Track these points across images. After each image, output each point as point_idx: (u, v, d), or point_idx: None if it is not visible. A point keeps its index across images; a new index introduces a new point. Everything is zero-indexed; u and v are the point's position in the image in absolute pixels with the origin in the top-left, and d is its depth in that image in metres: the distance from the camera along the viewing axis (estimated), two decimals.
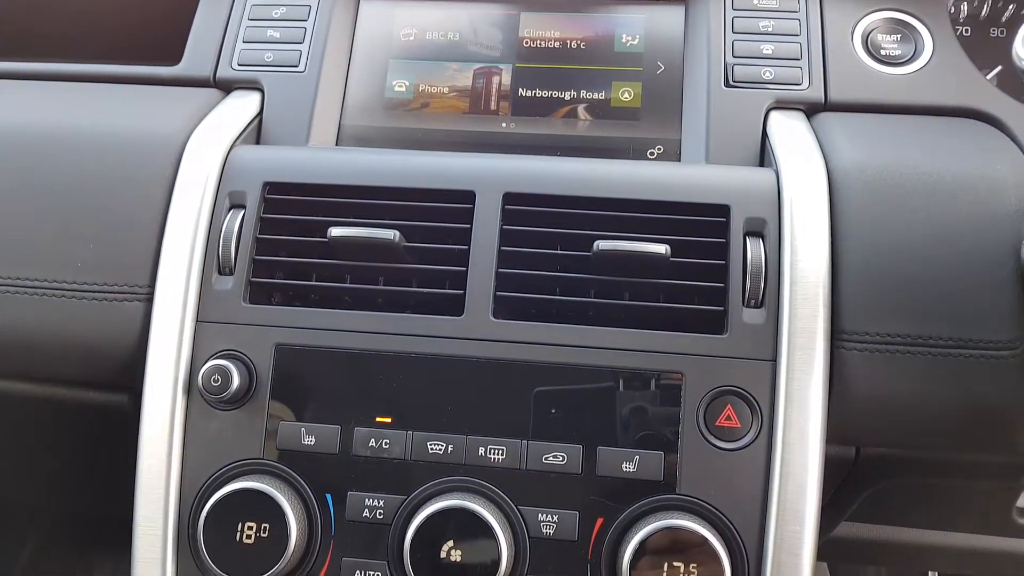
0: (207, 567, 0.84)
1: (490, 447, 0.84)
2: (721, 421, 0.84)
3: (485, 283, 0.88)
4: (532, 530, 0.83)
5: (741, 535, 0.82)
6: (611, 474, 0.83)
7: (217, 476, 0.87)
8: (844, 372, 0.85)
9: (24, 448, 1.27)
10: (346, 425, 0.86)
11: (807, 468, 0.82)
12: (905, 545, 1.21)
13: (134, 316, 0.92)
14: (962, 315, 0.83)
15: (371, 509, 0.85)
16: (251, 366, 0.88)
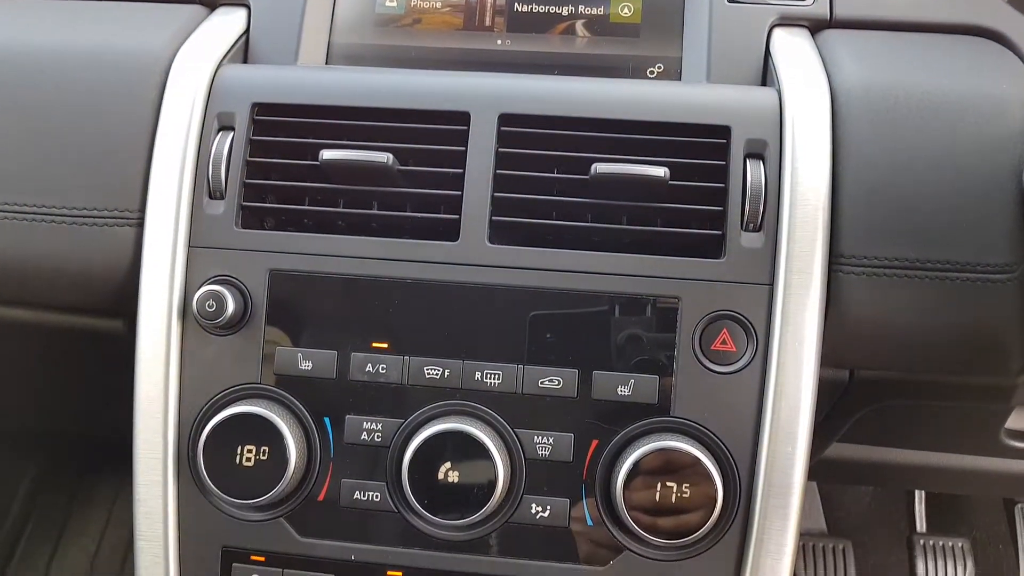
0: (208, 489, 0.86)
1: (486, 372, 0.85)
2: (716, 345, 0.84)
3: (481, 207, 0.87)
4: (528, 452, 0.84)
5: (734, 456, 0.84)
6: (606, 398, 0.84)
7: (215, 401, 0.88)
8: (841, 296, 0.85)
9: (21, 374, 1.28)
10: (342, 350, 0.86)
11: (801, 391, 0.83)
12: (894, 465, 1.24)
13: (125, 241, 0.91)
14: (961, 239, 0.83)
15: (369, 432, 0.86)
16: (245, 292, 0.88)
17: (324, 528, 0.87)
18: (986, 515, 2.25)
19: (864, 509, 2.29)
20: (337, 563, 0.87)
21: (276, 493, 0.84)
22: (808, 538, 2.16)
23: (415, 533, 0.86)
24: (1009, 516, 2.17)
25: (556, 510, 0.84)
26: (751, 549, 0.83)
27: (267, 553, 0.88)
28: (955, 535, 2.14)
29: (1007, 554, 2.20)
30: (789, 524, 0.83)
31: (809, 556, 2.15)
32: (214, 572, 0.88)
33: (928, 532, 2.15)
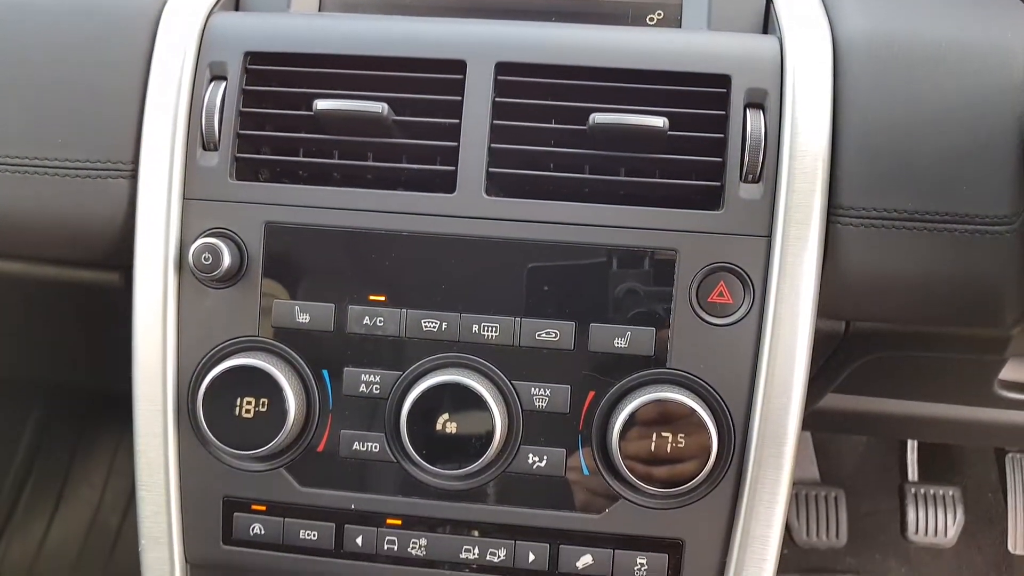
0: (208, 440, 0.86)
1: (484, 324, 0.85)
2: (713, 297, 0.84)
3: (477, 159, 0.86)
4: (525, 403, 0.85)
5: (729, 407, 0.84)
6: (603, 350, 0.84)
7: (214, 353, 0.88)
8: (839, 248, 0.85)
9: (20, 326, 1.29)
10: (340, 303, 0.86)
11: (796, 342, 0.83)
12: (888, 416, 1.25)
13: (119, 194, 0.90)
14: (961, 190, 0.83)
15: (367, 384, 0.86)
16: (241, 244, 0.87)
17: (324, 478, 0.88)
18: (977, 464, 2.28)
19: (857, 458, 2.32)
20: (337, 512, 0.88)
21: (276, 444, 0.84)
22: (801, 487, 2.19)
23: (414, 483, 0.87)
24: (1000, 465, 2.20)
25: (553, 460, 0.86)
26: (745, 497, 0.85)
27: (268, 503, 0.89)
28: (946, 484, 2.17)
29: (996, 502, 2.24)
30: (782, 473, 0.85)
31: (802, 504, 2.19)
32: (216, 521, 0.90)
33: (920, 481, 2.18)
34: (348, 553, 0.89)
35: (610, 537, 0.87)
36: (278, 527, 0.89)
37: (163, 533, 0.90)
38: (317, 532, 0.88)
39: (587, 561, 0.87)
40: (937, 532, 2.12)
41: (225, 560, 0.91)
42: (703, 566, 0.87)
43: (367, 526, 0.88)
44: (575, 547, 0.87)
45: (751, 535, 0.85)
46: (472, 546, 0.88)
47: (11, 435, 2.19)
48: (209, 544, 0.90)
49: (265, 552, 0.90)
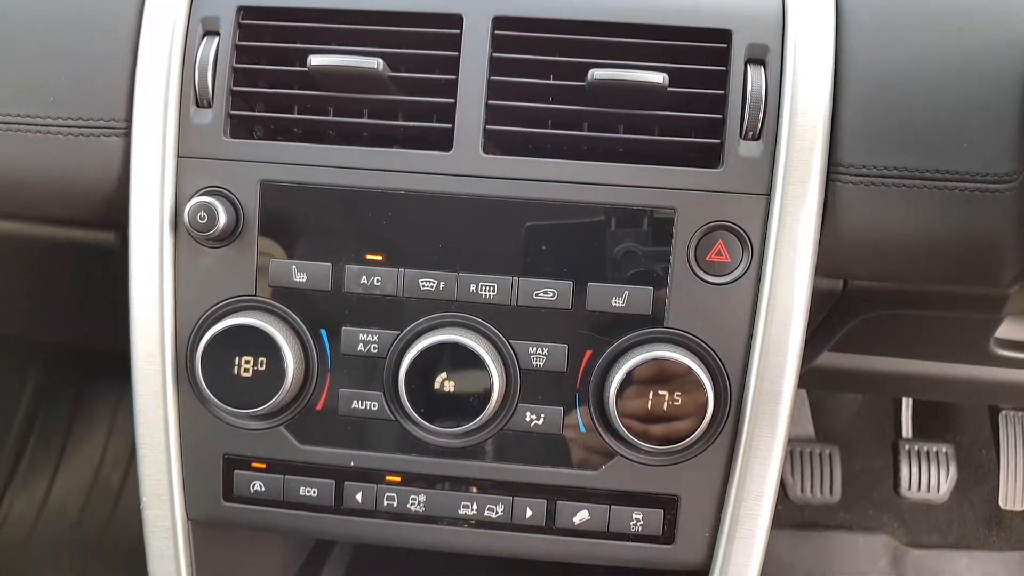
0: (207, 399, 0.87)
1: (481, 284, 0.85)
2: (711, 256, 0.84)
3: (474, 116, 0.85)
4: (523, 362, 0.85)
5: (725, 365, 0.85)
6: (600, 309, 0.84)
7: (211, 313, 0.88)
8: (838, 206, 0.84)
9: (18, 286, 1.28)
10: (337, 262, 0.86)
11: (794, 301, 0.84)
12: (884, 374, 1.26)
13: (113, 151, 0.89)
14: (961, 148, 0.82)
15: (365, 344, 0.86)
16: (237, 203, 0.86)
17: (323, 436, 0.89)
18: (971, 422, 2.30)
19: (852, 416, 2.34)
20: (337, 469, 0.89)
21: (275, 403, 0.85)
22: (796, 443, 2.22)
23: (412, 440, 0.88)
24: (993, 422, 2.22)
25: (550, 418, 0.86)
26: (740, 454, 0.86)
27: (268, 460, 0.90)
28: (939, 441, 2.20)
29: (989, 458, 2.27)
30: (778, 431, 0.85)
31: (796, 461, 2.21)
32: (216, 479, 0.91)
33: (913, 438, 2.20)
34: (348, 509, 0.90)
35: (606, 493, 0.88)
36: (278, 484, 0.90)
37: (164, 491, 0.91)
38: (317, 489, 0.89)
39: (584, 517, 0.88)
40: (930, 488, 2.15)
41: (226, 517, 0.92)
42: (698, 521, 0.88)
43: (366, 483, 0.89)
44: (572, 503, 0.88)
45: (746, 491, 0.86)
46: (470, 502, 0.89)
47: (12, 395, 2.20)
48: (210, 501, 0.91)
49: (266, 508, 0.91)
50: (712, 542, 0.89)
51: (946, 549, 2.22)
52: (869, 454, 2.31)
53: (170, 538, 0.93)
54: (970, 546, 2.22)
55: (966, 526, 2.25)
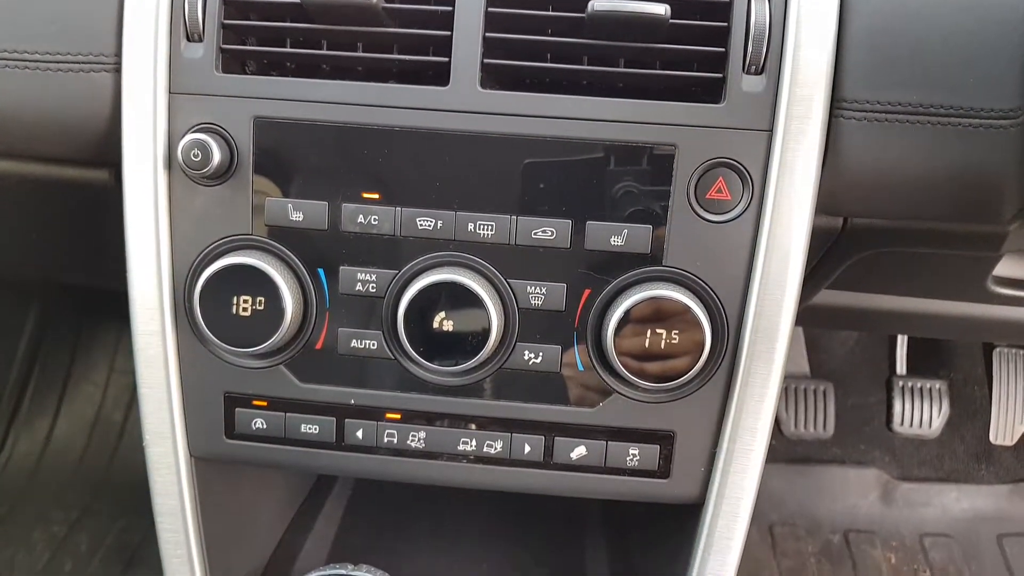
0: (206, 338, 0.87)
1: (479, 223, 0.84)
2: (712, 194, 0.83)
3: (472, 49, 0.83)
4: (521, 301, 0.85)
5: (723, 304, 0.85)
6: (599, 248, 0.84)
7: (208, 252, 0.87)
8: (840, 142, 0.83)
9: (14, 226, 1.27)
10: (333, 201, 0.85)
11: (794, 239, 0.83)
12: (880, 311, 1.26)
13: (103, 88, 0.88)
14: (966, 83, 0.81)
15: (363, 283, 0.86)
16: (231, 140, 0.85)
17: (323, 374, 0.89)
18: (964, 359, 2.33)
19: (847, 353, 2.36)
20: (337, 407, 0.90)
21: (274, 342, 0.85)
22: (791, 380, 2.24)
23: (412, 379, 0.88)
24: (987, 360, 2.24)
25: (548, 356, 0.87)
26: (736, 391, 0.86)
27: (269, 398, 0.91)
28: (933, 378, 2.22)
29: (981, 395, 2.30)
30: (774, 368, 0.86)
31: (791, 397, 2.24)
32: (218, 417, 0.92)
33: (907, 375, 2.23)
34: (348, 446, 0.91)
35: (603, 429, 0.89)
36: (279, 422, 0.91)
37: (167, 429, 0.92)
38: (318, 426, 0.90)
39: (581, 452, 0.90)
40: (922, 424, 2.18)
41: (229, 454, 0.93)
42: (693, 456, 0.89)
43: (367, 420, 0.90)
44: (569, 439, 0.89)
45: (741, 427, 0.87)
46: (470, 438, 0.90)
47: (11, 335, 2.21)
48: (212, 439, 0.93)
49: (268, 445, 0.92)
50: (707, 477, 0.90)
51: (936, 482, 2.26)
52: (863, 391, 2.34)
53: (173, 475, 0.94)
54: (959, 480, 2.26)
55: (956, 461, 2.30)
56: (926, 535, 2.19)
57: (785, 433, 2.24)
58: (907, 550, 2.16)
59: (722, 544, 0.91)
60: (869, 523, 2.21)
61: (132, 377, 0.92)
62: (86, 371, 2.28)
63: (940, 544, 2.18)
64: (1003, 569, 2.12)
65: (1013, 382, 2.19)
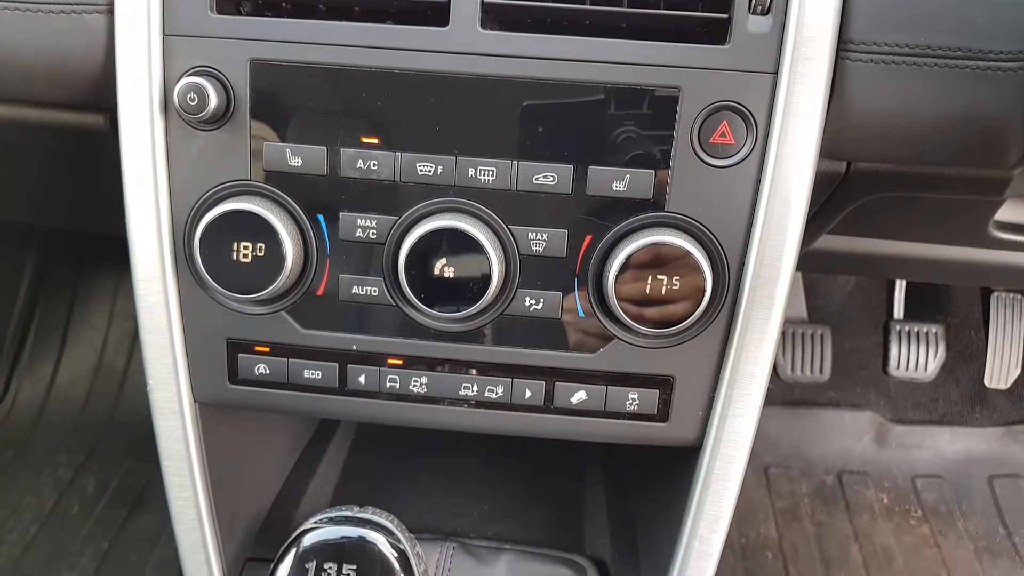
0: (207, 285, 0.87)
1: (480, 168, 0.83)
2: (715, 138, 0.82)
3: None
4: (522, 248, 0.85)
5: (724, 249, 0.85)
6: (601, 193, 0.83)
7: (206, 197, 0.87)
8: (846, 85, 0.82)
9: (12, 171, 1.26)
10: (332, 146, 0.84)
11: (797, 183, 0.83)
12: (880, 256, 1.26)
13: (96, 30, 0.86)
14: (976, 24, 0.80)
15: (364, 229, 0.86)
16: (227, 83, 0.84)
17: (325, 320, 0.89)
18: (962, 304, 2.34)
19: (845, 297, 2.37)
20: (339, 353, 0.91)
21: (275, 288, 0.85)
22: (788, 324, 2.25)
23: (413, 325, 0.89)
24: (984, 304, 2.25)
25: (549, 303, 0.87)
26: (736, 337, 0.87)
27: (271, 344, 0.91)
28: (930, 322, 2.24)
29: (977, 339, 2.32)
30: (773, 314, 0.86)
31: (788, 341, 2.26)
32: (221, 363, 0.92)
33: (905, 319, 2.24)
34: (351, 391, 0.92)
35: (603, 375, 0.90)
36: (282, 367, 0.91)
37: (170, 375, 0.93)
38: (321, 372, 0.91)
39: (581, 397, 0.91)
40: (917, 367, 2.21)
41: (232, 399, 0.94)
42: (692, 401, 0.90)
43: (369, 366, 0.91)
44: (570, 384, 0.90)
45: (740, 372, 0.88)
46: (471, 384, 0.91)
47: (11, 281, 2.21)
48: (216, 384, 0.93)
49: (271, 391, 0.93)
50: (705, 420, 0.91)
51: (929, 425, 2.30)
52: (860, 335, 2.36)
53: (178, 419, 0.95)
54: (953, 422, 2.30)
55: (951, 404, 2.33)
56: (918, 476, 2.23)
57: (782, 377, 2.26)
58: (899, 490, 2.21)
59: (719, 486, 0.93)
60: (863, 464, 2.25)
61: (133, 322, 0.92)
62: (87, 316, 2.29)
63: (932, 485, 2.22)
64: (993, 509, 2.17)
65: (1009, 326, 2.21)
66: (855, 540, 2.09)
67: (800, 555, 2.04)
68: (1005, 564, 2.05)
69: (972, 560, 2.05)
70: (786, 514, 2.14)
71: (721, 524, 0.94)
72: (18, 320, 2.23)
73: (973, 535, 2.11)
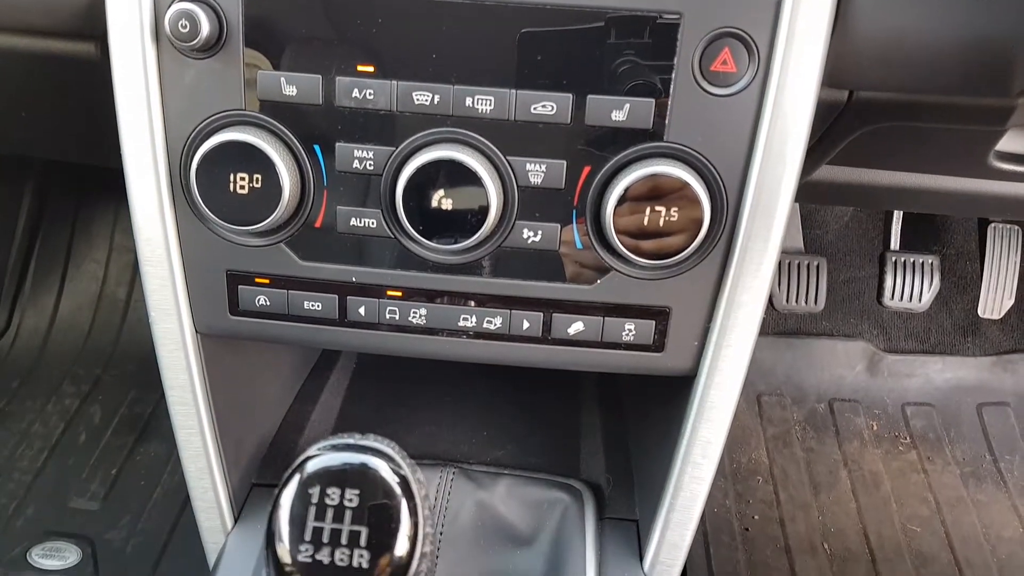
0: (205, 216, 0.87)
1: (478, 97, 0.82)
2: (716, 66, 0.81)
3: None
4: (520, 179, 0.85)
5: (723, 180, 0.84)
6: (600, 123, 0.83)
7: (201, 128, 0.86)
8: (850, 11, 0.80)
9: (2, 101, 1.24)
10: (327, 74, 0.83)
11: (798, 112, 0.82)
12: (879, 187, 1.26)
13: None
14: None
15: (360, 160, 0.85)
16: (219, 10, 0.82)
17: (324, 252, 0.90)
18: (958, 234, 2.34)
19: (842, 228, 2.37)
20: (339, 284, 0.91)
21: (273, 220, 0.85)
22: (784, 255, 2.26)
23: (412, 257, 0.89)
24: (981, 235, 2.25)
25: (547, 234, 0.87)
26: (732, 268, 0.87)
27: (271, 276, 0.91)
28: (926, 253, 2.24)
29: (972, 270, 2.33)
30: (770, 245, 0.86)
31: (784, 272, 2.27)
32: (221, 294, 0.93)
33: (900, 250, 2.25)
34: (351, 322, 0.93)
35: (601, 306, 0.90)
36: (282, 299, 0.92)
37: (171, 306, 0.94)
38: (320, 303, 0.92)
39: (578, 328, 0.92)
40: (912, 298, 2.22)
41: (233, 330, 0.95)
42: (688, 331, 0.91)
43: (368, 297, 0.91)
44: (567, 315, 0.91)
45: (736, 303, 0.89)
46: (470, 315, 0.92)
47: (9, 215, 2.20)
48: (217, 315, 0.94)
49: (272, 321, 0.94)
50: (700, 350, 0.92)
51: (921, 355, 2.33)
52: (855, 266, 2.37)
53: (180, 350, 0.97)
54: (945, 352, 2.33)
55: (943, 334, 2.35)
56: (908, 404, 2.28)
57: (777, 307, 2.28)
58: (889, 418, 2.25)
59: (713, 414, 0.94)
60: (854, 393, 2.29)
61: (133, 254, 0.92)
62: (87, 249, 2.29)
63: (922, 413, 2.27)
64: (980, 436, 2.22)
65: (1005, 257, 2.22)
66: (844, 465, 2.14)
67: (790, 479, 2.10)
68: (989, 488, 2.11)
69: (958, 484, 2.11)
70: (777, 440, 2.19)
71: (714, 450, 0.96)
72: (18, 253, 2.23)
73: (960, 461, 2.17)
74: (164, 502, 1.87)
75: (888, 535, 1.97)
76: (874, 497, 2.06)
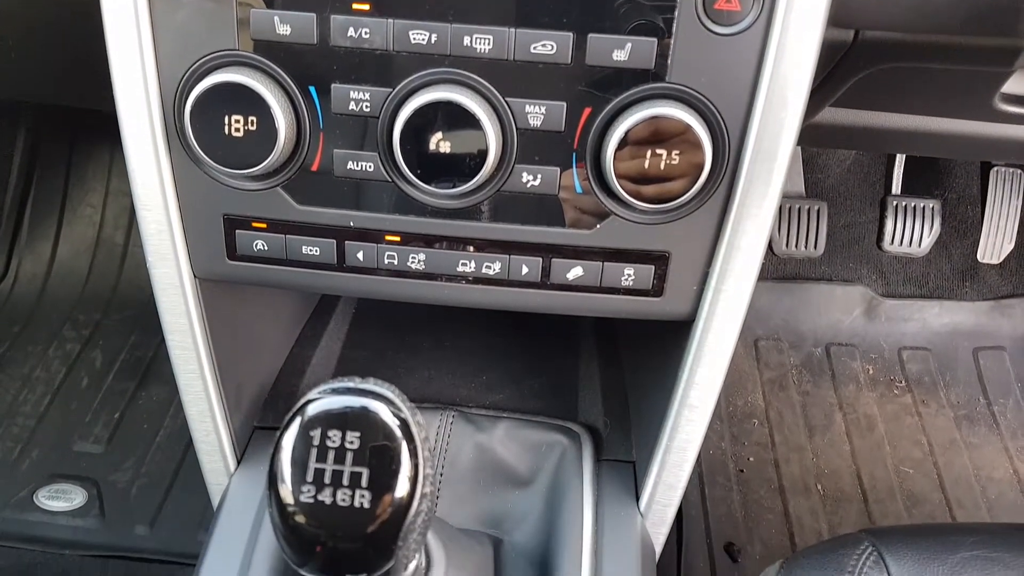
0: (201, 160, 0.86)
1: (476, 36, 0.80)
2: (720, 4, 0.79)
3: None
4: (519, 121, 0.83)
5: (726, 122, 0.83)
6: (601, 63, 0.81)
7: (195, 69, 0.84)
8: None
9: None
10: (321, 12, 0.81)
11: (803, 52, 0.80)
12: (882, 130, 1.25)
13: None
14: None
15: (357, 102, 0.84)
16: None
17: (321, 197, 0.89)
18: (960, 178, 2.32)
19: (843, 172, 2.36)
20: (337, 229, 0.91)
21: (269, 163, 0.84)
22: (785, 200, 2.25)
23: (410, 201, 0.88)
24: (983, 178, 2.24)
25: (547, 178, 0.86)
26: (733, 212, 0.87)
27: (268, 220, 0.91)
28: (927, 197, 2.23)
29: (972, 214, 2.32)
30: (771, 189, 0.86)
31: (784, 216, 2.26)
32: (218, 238, 0.92)
33: (902, 194, 2.23)
34: (350, 267, 0.92)
35: (600, 251, 0.90)
36: (280, 243, 0.92)
37: (168, 250, 0.93)
38: (318, 248, 0.91)
39: (577, 273, 0.91)
40: (912, 242, 2.22)
41: (232, 274, 0.95)
42: (687, 276, 0.91)
43: (366, 242, 0.91)
44: (566, 260, 0.91)
45: (735, 247, 0.88)
46: (468, 260, 0.91)
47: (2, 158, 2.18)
48: (215, 260, 0.94)
49: (270, 266, 0.93)
50: (699, 295, 0.92)
51: (919, 299, 2.34)
52: (856, 210, 2.36)
53: (179, 295, 0.96)
54: (942, 296, 2.33)
55: (942, 278, 2.36)
56: (905, 348, 2.29)
57: (776, 251, 2.28)
58: (885, 362, 2.27)
59: (710, 358, 0.95)
60: (851, 337, 2.31)
61: (129, 199, 0.92)
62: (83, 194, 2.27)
63: (918, 357, 2.28)
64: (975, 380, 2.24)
65: (1007, 201, 2.21)
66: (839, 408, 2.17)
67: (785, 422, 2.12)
68: (982, 431, 2.14)
69: (951, 427, 2.14)
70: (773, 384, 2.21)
71: (710, 393, 0.97)
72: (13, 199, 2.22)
73: (954, 404, 2.19)
74: (167, 445, 1.89)
75: (881, 476, 2.00)
76: (868, 440, 2.09)
